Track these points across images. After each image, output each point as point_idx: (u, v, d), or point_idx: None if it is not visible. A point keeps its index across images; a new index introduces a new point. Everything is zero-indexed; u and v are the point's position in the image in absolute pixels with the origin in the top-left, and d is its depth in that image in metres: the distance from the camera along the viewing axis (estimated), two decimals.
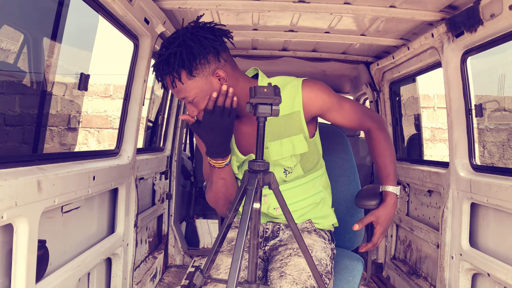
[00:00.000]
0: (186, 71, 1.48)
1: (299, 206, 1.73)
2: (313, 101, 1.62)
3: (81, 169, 1.79)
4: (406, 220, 3.37)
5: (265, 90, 1.20)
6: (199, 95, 1.51)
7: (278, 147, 1.64)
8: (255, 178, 1.23)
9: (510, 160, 7.73)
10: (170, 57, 1.47)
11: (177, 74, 1.48)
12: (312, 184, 1.75)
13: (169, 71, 1.48)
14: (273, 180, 1.28)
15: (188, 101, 1.54)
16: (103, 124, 8.78)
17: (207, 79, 1.51)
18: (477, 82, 7.25)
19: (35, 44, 2.54)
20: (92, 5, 1.84)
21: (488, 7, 2.01)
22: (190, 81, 1.49)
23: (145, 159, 3.01)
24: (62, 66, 5.36)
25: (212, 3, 2.44)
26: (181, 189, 4.02)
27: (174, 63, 1.46)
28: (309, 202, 1.74)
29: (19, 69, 2.76)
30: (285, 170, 1.69)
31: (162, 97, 3.82)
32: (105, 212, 2.33)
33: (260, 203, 1.23)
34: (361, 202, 1.71)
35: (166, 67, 1.48)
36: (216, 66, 1.52)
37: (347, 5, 2.44)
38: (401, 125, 3.70)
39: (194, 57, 1.47)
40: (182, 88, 1.50)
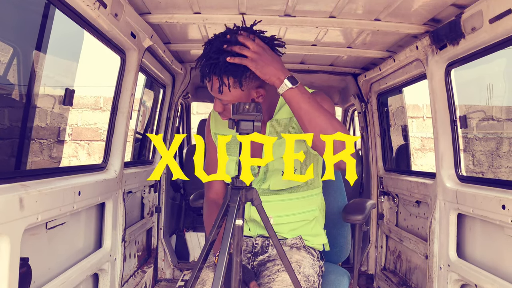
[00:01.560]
0: (236, 81, 1.49)
1: (292, 219, 1.74)
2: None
3: (65, 184, 1.77)
4: (395, 231, 3.37)
5: (247, 107, 1.21)
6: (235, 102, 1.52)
7: (279, 145, 1.67)
8: (237, 194, 1.23)
9: (499, 169, 7.80)
10: (220, 64, 1.47)
11: (227, 80, 1.49)
12: (308, 200, 1.76)
13: (220, 75, 1.48)
14: (256, 196, 1.28)
15: (222, 103, 1.56)
16: (93, 136, 8.73)
17: (248, 92, 1.54)
18: (465, 91, 7.34)
19: (23, 57, 2.54)
20: (77, 20, 1.84)
21: (469, 21, 2.05)
22: (234, 89, 1.51)
23: (133, 172, 3.00)
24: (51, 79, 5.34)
25: (198, 17, 2.46)
26: (170, 202, 4.00)
27: (227, 69, 1.47)
28: (302, 218, 1.75)
29: (8, 81, 2.75)
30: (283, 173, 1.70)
31: (151, 109, 3.82)
32: (92, 227, 2.31)
33: (243, 220, 1.23)
34: (348, 216, 1.71)
35: (218, 70, 1.48)
36: (260, 83, 1.55)
37: (333, 19, 2.47)
38: (389, 135, 3.73)
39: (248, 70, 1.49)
40: (224, 93, 1.52)
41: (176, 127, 4.33)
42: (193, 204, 2.06)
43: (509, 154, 7.93)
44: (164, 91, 3.68)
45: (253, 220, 1.73)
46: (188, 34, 2.88)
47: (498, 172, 7.84)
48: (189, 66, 3.70)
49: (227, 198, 1.24)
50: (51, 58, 2.66)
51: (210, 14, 2.45)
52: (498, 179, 2.59)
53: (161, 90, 3.67)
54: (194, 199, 2.08)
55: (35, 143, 7.34)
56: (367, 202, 1.76)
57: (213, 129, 1.85)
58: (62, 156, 8.36)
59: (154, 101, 3.79)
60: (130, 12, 2.19)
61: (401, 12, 2.31)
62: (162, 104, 3.70)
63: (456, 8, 2.15)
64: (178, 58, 3.47)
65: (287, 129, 1.71)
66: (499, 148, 7.89)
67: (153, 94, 3.82)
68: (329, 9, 2.33)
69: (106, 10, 1.92)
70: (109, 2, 1.91)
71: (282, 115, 1.71)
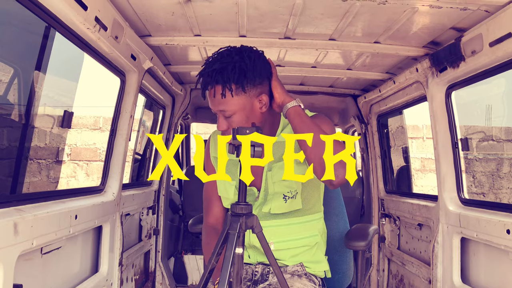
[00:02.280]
0: (239, 86, 1.52)
1: (293, 245, 1.70)
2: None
3: (62, 208, 1.74)
4: (397, 254, 3.32)
5: (247, 131, 1.19)
6: (238, 113, 1.55)
7: (280, 168, 1.65)
8: (238, 222, 1.20)
9: (500, 190, 7.76)
10: (227, 67, 1.50)
11: (229, 86, 1.50)
12: (309, 225, 1.73)
13: (223, 81, 1.50)
14: (256, 224, 1.25)
15: (224, 115, 1.56)
16: (92, 156, 8.70)
17: (251, 100, 1.56)
18: (464, 112, 7.36)
19: (24, 78, 2.55)
20: (77, 43, 1.84)
21: (469, 44, 2.05)
22: (237, 96, 1.53)
23: (131, 195, 2.96)
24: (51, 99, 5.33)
25: (199, 39, 2.46)
26: (169, 224, 3.95)
27: (230, 75, 1.49)
28: (303, 243, 1.71)
29: (7, 102, 2.74)
30: (284, 196, 1.67)
31: (151, 129, 3.80)
32: (89, 251, 2.27)
33: (243, 248, 1.19)
34: (351, 243, 1.67)
35: (220, 77, 1.50)
36: (262, 91, 1.58)
37: (332, 41, 2.47)
38: (389, 157, 3.70)
39: (253, 74, 1.53)
40: (226, 101, 1.53)
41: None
42: (191, 229, 2.02)
43: (509, 175, 7.90)
44: (164, 112, 3.67)
45: (253, 246, 1.69)
46: (189, 56, 2.89)
47: (499, 193, 7.80)
48: (189, 87, 3.70)
49: (227, 225, 1.21)
50: (51, 79, 2.66)
51: (210, 37, 2.46)
52: (502, 202, 2.56)
53: (161, 111, 3.67)
54: (193, 223, 2.04)
55: (34, 163, 7.31)
56: (370, 228, 1.72)
57: (213, 152, 1.83)
58: (60, 177, 8.32)
59: (154, 121, 3.78)
60: (130, 35, 2.20)
61: (401, 35, 2.32)
62: (162, 125, 3.68)
63: (456, 31, 2.16)
64: (178, 79, 3.48)
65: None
66: (500, 169, 7.86)
67: (152, 115, 3.82)
68: (329, 31, 2.34)
69: (107, 33, 1.92)
70: (110, 25, 1.92)
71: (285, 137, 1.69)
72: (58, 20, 1.62)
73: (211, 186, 1.80)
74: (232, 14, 2.12)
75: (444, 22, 2.08)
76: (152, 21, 2.22)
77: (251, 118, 1.58)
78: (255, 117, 1.59)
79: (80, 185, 8.62)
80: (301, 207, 1.70)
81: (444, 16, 2.01)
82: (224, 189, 1.74)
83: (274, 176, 1.66)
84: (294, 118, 1.51)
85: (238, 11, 2.07)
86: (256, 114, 1.59)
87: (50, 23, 1.60)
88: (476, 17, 1.96)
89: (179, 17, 2.17)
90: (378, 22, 2.16)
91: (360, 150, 3.93)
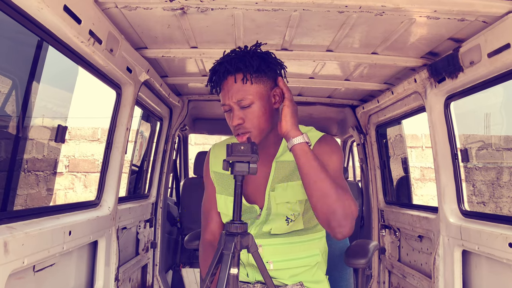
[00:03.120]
0: (258, 74, 1.54)
1: (293, 265, 1.65)
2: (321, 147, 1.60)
3: (55, 224, 1.71)
4: (398, 266, 3.27)
5: (242, 148, 1.17)
6: (256, 103, 1.54)
7: (284, 189, 1.61)
8: (232, 241, 1.16)
9: (500, 199, 7.72)
10: (246, 56, 1.54)
11: (251, 72, 1.53)
12: (310, 244, 1.68)
13: (245, 67, 1.52)
14: (252, 243, 1.21)
15: (242, 105, 1.54)
16: (90, 168, 8.66)
17: (268, 92, 1.57)
18: (463, 121, 7.34)
19: (21, 89, 2.53)
20: (71, 57, 1.82)
21: (467, 55, 2.03)
22: (257, 85, 1.54)
23: (128, 208, 2.92)
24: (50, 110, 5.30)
25: (195, 51, 2.45)
26: (166, 237, 3.90)
27: (252, 61, 1.52)
28: (304, 263, 1.66)
29: (5, 113, 2.72)
30: (287, 219, 1.63)
31: (148, 141, 3.77)
32: (84, 266, 2.23)
33: (238, 269, 1.15)
34: (351, 260, 1.62)
35: (242, 63, 1.52)
36: (275, 85, 1.60)
37: (330, 53, 2.46)
38: (389, 167, 3.67)
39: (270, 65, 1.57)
40: (247, 88, 1.53)
41: (173, 159, 4.29)
42: (187, 245, 1.98)
43: (509, 184, 7.87)
44: (161, 124, 3.65)
45: (251, 265, 1.64)
46: (186, 67, 2.87)
47: (499, 202, 7.76)
48: (186, 98, 3.69)
49: (221, 245, 1.17)
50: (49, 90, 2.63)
51: (207, 49, 2.44)
52: (503, 215, 2.53)
53: (158, 123, 3.65)
54: (189, 240, 2.00)
55: (32, 175, 7.27)
56: (370, 244, 1.68)
57: (212, 167, 1.78)
58: (57, 189, 8.27)
59: (151, 133, 3.76)
60: (126, 47, 2.18)
61: (398, 46, 2.30)
62: (159, 137, 3.66)
63: (454, 42, 2.14)
64: (175, 91, 3.46)
65: (294, 173, 1.63)
66: (500, 178, 7.82)
67: (149, 126, 3.79)
68: (326, 43, 2.33)
69: (101, 46, 1.90)
70: (104, 38, 1.90)
71: (290, 156, 1.62)
72: (51, 34, 1.60)
73: (210, 200, 1.75)
74: (228, 26, 2.11)
75: (442, 32, 2.07)
76: (148, 33, 2.20)
77: (268, 112, 1.56)
78: (270, 112, 1.57)
79: (78, 196, 8.57)
80: (303, 227, 1.66)
81: (441, 27, 2.00)
82: (224, 205, 1.69)
83: (278, 197, 1.61)
84: (300, 158, 1.44)
85: (234, 23, 2.06)
86: (271, 109, 1.58)
87: (43, 37, 1.58)
88: (474, 28, 1.94)
89: (175, 30, 2.16)
90: (376, 33, 2.15)
91: (359, 161, 3.91)
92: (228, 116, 1.57)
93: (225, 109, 1.58)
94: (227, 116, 1.58)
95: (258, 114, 1.53)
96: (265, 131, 1.57)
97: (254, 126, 1.54)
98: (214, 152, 1.80)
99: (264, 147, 1.63)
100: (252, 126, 1.54)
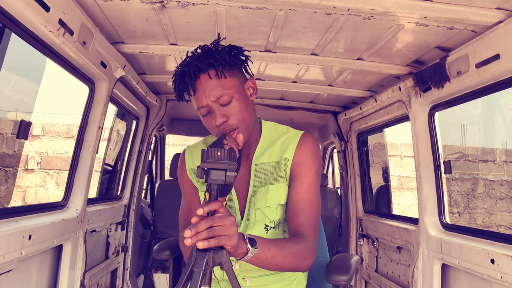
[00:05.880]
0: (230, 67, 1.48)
1: (271, 280, 1.55)
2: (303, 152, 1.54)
3: (12, 228, 1.57)
4: (375, 277, 3.22)
5: (218, 154, 1.06)
6: (236, 96, 1.46)
7: (264, 193, 1.53)
8: (204, 258, 1.05)
9: (475, 210, 7.81)
10: (213, 51, 1.48)
11: (222, 66, 1.46)
12: None
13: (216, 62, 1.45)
14: (226, 259, 1.10)
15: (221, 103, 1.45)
16: (64, 165, 8.38)
17: (242, 85, 1.51)
18: (442, 131, 7.40)
19: None
20: (39, 47, 1.68)
21: (454, 64, 1.99)
22: (231, 78, 1.48)
23: (98, 210, 2.78)
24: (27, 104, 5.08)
25: (175, 48, 2.34)
26: (139, 240, 3.76)
27: (221, 55, 1.46)
28: (282, 278, 1.57)
29: None
30: (266, 226, 1.54)
31: (123, 140, 3.63)
32: (46, 272, 2.08)
33: (210, 286, 1.05)
34: (332, 277, 1.52)
35: (212, 59, 1.45)
36: (245, 77, 1.55)
37: (314, 56, 2.39)
38: (369, 176, 3.63)
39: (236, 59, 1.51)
40: (223, 83, 1.45)
41: (148, 160, 4.15)
42: (157, 255, 1.85)
43: (484, 195, 7.97)
44: (137, 123, 3.51)
45: (225, 280, 1.54)
46: (165, 65, 2.75)
47: (474, 213, 7.85)
48: (165, 97, 3.56)
49: (191, 262, 1.06)
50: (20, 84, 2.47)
51: (187, 46, 2.33)
52: (485, 230, 2.49)
53: (134, 122, 3.51)
54: (159, 250, 1.87)
55: (1, 171, 6.98)
56: (352, 259, 1.60)
57: (189, 165, 1.65)
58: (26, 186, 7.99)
59: (127, 132, 3.61)
60: (100, 41, 2.06)
61: (385, 52, 2.25)
62: (135, 136, 3.52)
63: (441, 51, 2.10)
64: (153, 89, 3.33)
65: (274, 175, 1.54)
66: (475, 189, 7.92)
67: (125, 125, 3.65)
68: (311, 46, 2.26)
69: (73, 38, 1.77)
70: (77, 29, 1.77)
71: (269, 158, 1.55)
72: (15, 21, 1.47)
73: (190, 208, 1.62)
74: (210, 23, 2.01)
75: (430, 40, 2.01)
76: (125, 27, 2.08)
77: (248, 105, 1.50)
78: (249, 105, 1.51)
79: (49, 195, 8.29)
80: (283, 236, 1.57)
81: (430, 35, 1.94)
82: None
83: (258, 202, 1.53)
84: (257, 264, 1.31)
85: (216, 20, 1.96)
86: (249, 103, 1.52)
87: (6, 23, 1.45)
88: (463, 37, 1.90)
89: (154, 24, 2.04)
90: (362, 38, 2.08)
91: (339, 168, 3.85)
92: (207, 119, 1.47)
93: (203, 112, 1.48)
94: (206, 120, 1.48)
95: (240, 108, 1.46)
96: (251, 125, 1.50)
97: (239, 120, 1.46)
98: (191, 150, 1.68)
99: (244, 146, 1.55)
100: (238, 121, 1.46)
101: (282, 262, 1.34)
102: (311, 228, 1.47)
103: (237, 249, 1.17)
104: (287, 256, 1.34)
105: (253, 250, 1.24)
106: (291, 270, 1.41)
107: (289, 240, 1.41)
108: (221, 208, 1.13)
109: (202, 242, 1.06)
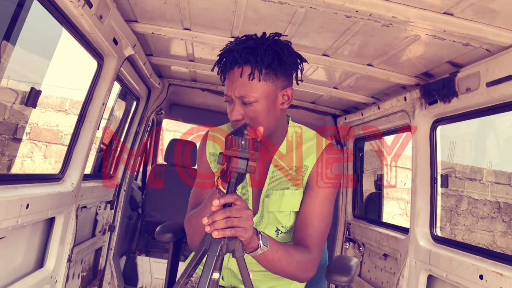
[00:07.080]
0: (270, 71, 1.38)
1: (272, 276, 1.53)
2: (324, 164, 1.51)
3: (12, 195, 1.55)
4: (357, 281, 3.26)
5: (242, 143, 1.06)
6: (261, 102, 1.39)
7: (279, 198, 1.50)
8: (218, 243, 1.06)
9: (456, 226, 7.93)
10: (261, 47, 1.37)
11: (259, 68, 1.36)
12: None
13: (255, 62, 1.36)
14: (239, 248, 1.11)
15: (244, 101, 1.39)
16: (53, 139, 8.28)
17: (276, 91, 1.42)
18: None
19: None
20: (57, 16, 1.66)
21: (464, 81, 2.01)
22: (265, 82, 1.38)
23: (91, 187, 2.76)
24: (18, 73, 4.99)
25: (187, 33, 2.33)
26: (126, 221, 3.74)
27: (264, 56, 1.36)
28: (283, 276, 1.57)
29: None
30: (277, 230, 1.52)
31: (121, 120, 3.60)
32: (36, 244, 2.06)
33: (220, 273, 1.05)
34: (333, 277, 1.52)
35: (252, 56, 1.36)
36: (287, 84, 1.45)
37: (325, 57, 2.40)
38: (361, 182, 3.66)
39: (283, 64, 1.39)
40: (252, 85, 1.38)
41: (144, 142, 4.12)
42: (158, 237, 1.85)
43: (466, 213, 8.09)
44: (137, 104, 3.49)
45: (229, 268, 1.54)
46: (173, 49, 2.74)
47: (455, 229, 7.97)
48: (167, 81, 3.54)
49: (205, 245, 1.06)
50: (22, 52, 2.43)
51: (200, 33, 2.33)
52: (475, 245, 2.53)
53: (134, 102, 3.48)
54: (161, 231, 1.86)
55: None
56: (352, 261, 1.61)
57: (210, 148, 1.61)
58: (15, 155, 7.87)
59: (125, 112, 3.58)
60: (115, 17, 2.04)
61: (395, 61, 2.27)
62: (133, 117, 3.49)
63: (451, 66, 2.12)
64: (157, 71, 3.31)
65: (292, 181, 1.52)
66: (459, 206, 8.04)
67: (124, 104, 3.62)
68: (324, 46, 2.26)
69: (91, 10, 1.76)
70: (96, 2, 1.75)
71: (289, 162, 1.51)
72: None
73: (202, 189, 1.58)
74: (228, 13, 2.00)
75: (442, 54, 2.04)
76: (141, 5, 2.07)
77: (272, 112, 1.42)
78: (275, 112, 1.43)
79: (36, 166, 8.19)
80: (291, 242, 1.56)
81: (444, 49, 1.96)
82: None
83: (271, 205, 1.51)
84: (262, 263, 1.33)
85: (235, 10, 1.96)
86: (276, 110, 1.44)
87: None
88: (476, 55, 1.92)
89: (171, 6, 2.03)
90: (376, 44, 2.10)
91: None
92: (228, 107, 1.45)
93: (227, 100, 1.45)
94: (228, 106, 1.45)
95: (259, 114, 1.40)
96: (266, 131, 1.44)
97: (253, 123, 1.40)
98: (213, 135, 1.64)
99: (265, 143, 1.53)
100: (252, 123, 1.40)
101: (286, 267, 1.34)
102: (318, 242, 1.46)
103: (249, 243, 1.19)
104: (291, 263, 1.35)
105: (264, 247, 1.25)
106: (290, 277, 1.41)
107: (295, 248, 1.41)
108: (238, 201, 1.14)
109: (218, 232, 1.08)
